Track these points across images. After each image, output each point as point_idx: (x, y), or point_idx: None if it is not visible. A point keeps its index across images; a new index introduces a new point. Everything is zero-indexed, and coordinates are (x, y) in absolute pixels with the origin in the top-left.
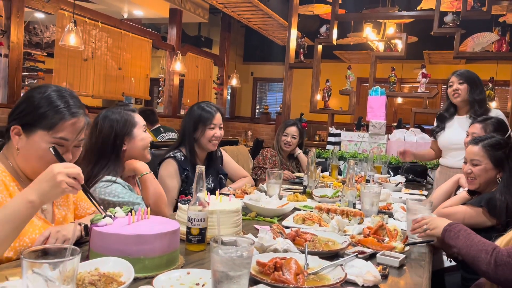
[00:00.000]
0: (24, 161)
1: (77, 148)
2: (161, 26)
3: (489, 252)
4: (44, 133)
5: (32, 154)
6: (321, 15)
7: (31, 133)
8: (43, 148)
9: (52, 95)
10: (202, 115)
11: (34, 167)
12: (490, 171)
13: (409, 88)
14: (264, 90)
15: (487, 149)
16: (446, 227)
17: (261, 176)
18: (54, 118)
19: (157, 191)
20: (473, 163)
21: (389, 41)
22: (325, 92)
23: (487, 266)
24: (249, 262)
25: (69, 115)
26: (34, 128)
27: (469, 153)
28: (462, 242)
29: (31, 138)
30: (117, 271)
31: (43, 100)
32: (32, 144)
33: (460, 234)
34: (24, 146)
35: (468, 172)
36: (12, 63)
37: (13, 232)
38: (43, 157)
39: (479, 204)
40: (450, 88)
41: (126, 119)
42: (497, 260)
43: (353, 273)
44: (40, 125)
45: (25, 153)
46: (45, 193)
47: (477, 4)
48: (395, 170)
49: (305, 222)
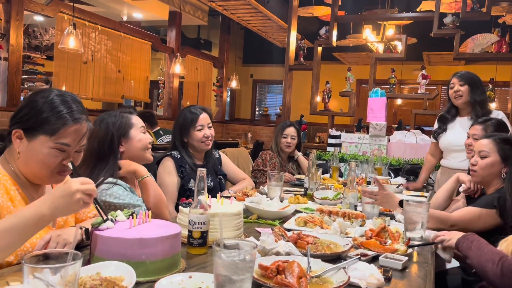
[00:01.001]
0: (24, 165)
1: (79, 153)
2: (161, 29)
3: (495, 261)
4: (46, 138)
5: (33, 159)
6: (320, 17)
7: (32, 138)
8: (44, 153)
9: (55, 100)
10: (187, 118)
11: (34, 171)
12: (496, 165)
13: (409, 89)
14: (264, 92)
15: (497, 141)
16: (460, 238)
17: (261, 179)
18: (57, 123)
19: (157, 194)
20: (481, 155)
21: (389, 42)
22: (325, 94)
23: (494, 275)
24: (252, 265)
25: (72, 121)
26: (36, 133)
27: (478, 145)
28: (474, 253)
29: (32, 143)
30: (119, 275)
31: (46, 105)
32: (34, 148)
33: (473, 245)
34: (25, 150)
35: (473, 163)
36: (12, 66)
37: (18, 241)
38: (44, 162)
39: (492, 205)
40: (451, 90)
41: (121, 121)
42: (503, 270)
43: (356, 276)
44: (42, 130)
45: (26, 157)
46: (59, 209)
47: (476, 5)
48: (396, 171)
49: (307, 224)
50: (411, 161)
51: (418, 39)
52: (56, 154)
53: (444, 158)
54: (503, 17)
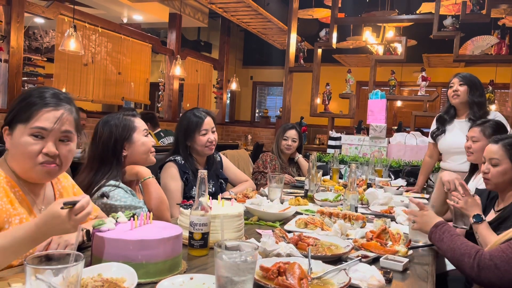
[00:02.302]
0: (13, 161)
1: (65, 144)
2: (161, 31)
3: (472, 255)
4: (22, 127)
5: (16, 151)
6: (320, 19)
7: (13, 131)
8: (23, 142)
9: (32, 93)
10: (192, 122)
11: (20, 165)
12: (509, 172)
13: (409, 91)
14: (264, 94)
15: (507, 148)
16: (432, 228)
17: (261, 181)
18: (30, 110)
19: (159, 196)
20: (492, 163)
21: (389, 44)
22: (325, 96)
23: (471, 270)
24: (253, 267)
25: (43, 105)
26: (14, 125)
27: (488, 151)
28: (446, 246)
29: (14, 136)
30: (120, 277)
31: (21, 98)
32: (15, 141)
33: (444, 236)
34: (10, 146)
35: (485, 171)
36: (12, 68)
37: (12, 258)
38: (24, 152)
39: None
40: (450, 89)
41: (125, 124)
42: (480, 264)
43: (357, 277)
44: (18, 120)
45: (12, 153)
46: (52, 235)
47: (476, 8)
48: (396, 173)
49: (308, 226)
50: (411, 163)
51: (418, 41)
52: (34, 141)
53: (444, 160)
54: (503, 19)
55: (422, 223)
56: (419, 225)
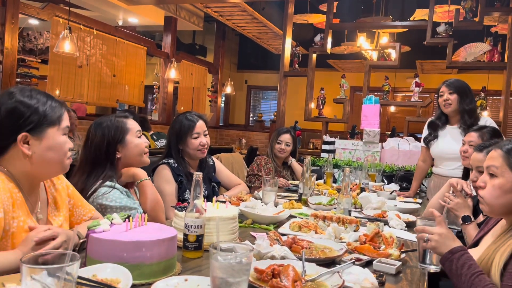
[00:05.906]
0: (40, 162)
1: None
2: (156, 34)
3: None
4: (54, 129)
5: (53, 153)
6: (315, 24)
7: (41, 134)
8: (61, 142)
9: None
10: (184, 125)
11: (54, 165)
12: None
13: (402, 97)
14: (258, 98)
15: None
16: (448, 254)
17: (256, 184)
18: (58, 112)
19: (155, 197)
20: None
21: (383, 50)
22: (319, 101)
23: None
24: (248, 268)
25: (61, 106)
26: (44, 128)
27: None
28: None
29: (45, 139)
30: (115, 278)
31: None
32: (48, 143)
33: (463, 273)
34: (40, 150)
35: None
36: (6, 69)
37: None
38: (62, 150)
39: None
40: (441, 98)
41: (117, 126)
42: None
43: (350, 280)
44: (47, 123)
45: (42, 155)
46: None
47: (469, 15)
48: (389, 178)
49: (301, 229)
50: (405, 168)
51: (412, 47)
52: (67, 139)
53: (436, 166)
54: (495, 26)
55: (439, 242)
56: (434, 243)
